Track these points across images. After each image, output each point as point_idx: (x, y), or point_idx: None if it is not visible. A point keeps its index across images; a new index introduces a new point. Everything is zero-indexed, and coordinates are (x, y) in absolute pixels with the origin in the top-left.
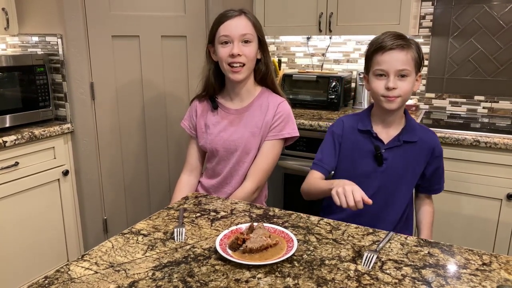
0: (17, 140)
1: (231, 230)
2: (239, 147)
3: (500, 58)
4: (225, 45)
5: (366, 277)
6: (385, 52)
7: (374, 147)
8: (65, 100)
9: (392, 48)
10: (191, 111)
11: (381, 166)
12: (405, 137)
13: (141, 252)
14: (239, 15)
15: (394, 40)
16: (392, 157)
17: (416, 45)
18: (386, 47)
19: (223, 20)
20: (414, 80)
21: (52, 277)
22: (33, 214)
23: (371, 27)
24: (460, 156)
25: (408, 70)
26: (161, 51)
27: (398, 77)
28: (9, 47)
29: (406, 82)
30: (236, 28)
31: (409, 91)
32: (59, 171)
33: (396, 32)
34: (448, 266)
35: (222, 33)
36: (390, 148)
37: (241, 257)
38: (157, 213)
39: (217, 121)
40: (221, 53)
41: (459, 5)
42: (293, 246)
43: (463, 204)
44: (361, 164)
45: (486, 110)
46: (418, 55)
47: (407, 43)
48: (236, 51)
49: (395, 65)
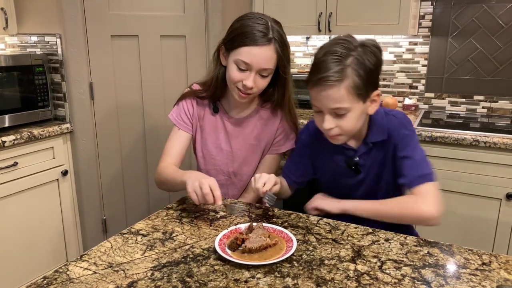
0: (16, 140)
1: (230, 230)
2: (237, 159)
3: (499, 57)
4: (241, 71)
5: (366, 277)
6: (313, 88)
7: (345, 161)
8: (64, 100)
9: (317, 84)
10: (186, 106)
11: (359, 174)
12: (372, 138)
13: (140, 252)
14: (267, 43)
15: (319, 73)
16: (367, 161)
17: (356, 63)
18: (310, 81)
19: (249, 43)
20: (363, 107)
21: (50, 277)
22: (32, 214)
23: (371, 27)
24: (460, 156)
25: (345, 108)
26: (161, 51)
27: (333, 115)
28: (8, 47)
29: (347, 118)
30: (259, 60)
31: (354, 124)
32: (58, 171)
33: (331, 51)
34: (448, 266)
35: (243, 58)
36: (362, 154)
37: (241, 257)
38: (156, 213)
39: (215, 126)
40: (233, 76)
41: (459, 5)
42: (292, 246)
43: (462, 204)
44: (340, 177)
45: (486, 110)
46: (360, 78)
47: (339, 72)
48: (250, 85)
49: (327, 104)
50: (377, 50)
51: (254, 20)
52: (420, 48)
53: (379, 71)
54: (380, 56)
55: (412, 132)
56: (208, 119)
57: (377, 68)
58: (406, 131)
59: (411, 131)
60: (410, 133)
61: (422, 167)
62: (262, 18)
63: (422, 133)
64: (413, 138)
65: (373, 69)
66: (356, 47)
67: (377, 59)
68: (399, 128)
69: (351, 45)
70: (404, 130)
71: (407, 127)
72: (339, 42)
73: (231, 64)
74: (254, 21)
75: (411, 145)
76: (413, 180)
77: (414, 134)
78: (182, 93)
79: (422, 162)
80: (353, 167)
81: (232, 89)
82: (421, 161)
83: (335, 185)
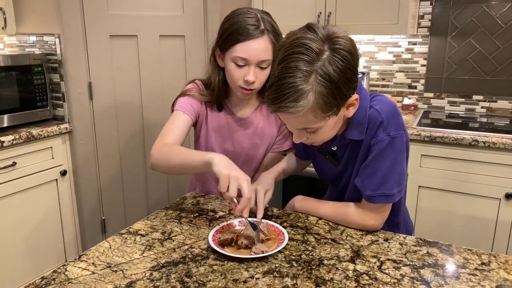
0: (15, 140)
1: (222, 226)
2: (240, 157)
3: (498, 57)
4: (240, 67)
5: (365, 277)
6: (280, 115)
7: (318, 149)
8: (63, 100)
9: (277, 110)
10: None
11: (337, 165)
12: (349, 135)
13: (138, 252)
14: (261, 35)
15: (277, 99)
16: (345, 154)
17: (322, 82)
18: (268, 101)
19: (242, 39)
20: (337, 118)
21: (49, 278)
22: (31, 214)
23: (370, 26)
24: (459, 155)
25: (314, 127)
26: (160, 50)
27: (302, 131)
28: (6, 47)
29: (318, 134)
30: (256, 53)
31: (328, 135)
32: (57, 171)
33: (291, 69)
34: (447, 266)
35: (240, 54)
36: (340, 145)
37: (236, 253)
38: (155, 213)
39: (218, 124)
40: (234, 75)
41: (458, 5)
42: (284, 237)
43: (461, 204)
44: (321, 165)
45: (485, 109)
46: (329, 95)
47: (301, 101)
48: (252, 79)
49: (293, 125)
50: (349, 45)
51: (243, 16)
52: (419, 48)
53: (354, 73)
54: (355, 51)
55: (391, 137)
56: (213, 117)
57: (350, 73)
58: (384, 135)
59: (390, 136)
60: (387, 139)
61: (382, 183)
62: (250, 11)
63: (421, 133)
64: (389, 145)
65: (345, 78)
66: (322, 52)
67: (348, 60)
68: (377, 129)
69: (318, 49)
70: (382, 133)
71: (387, 129)
72: (302, 51)
73: (229, 63)
74: (243, 16)
75: (383, 155)
76: (365, 192)
77: (395, 139)
78: (188, 88)
79: (385, 178)
80: (326, 156)
81: (235, 89)
82: (385, 175)
83: (324, 175)
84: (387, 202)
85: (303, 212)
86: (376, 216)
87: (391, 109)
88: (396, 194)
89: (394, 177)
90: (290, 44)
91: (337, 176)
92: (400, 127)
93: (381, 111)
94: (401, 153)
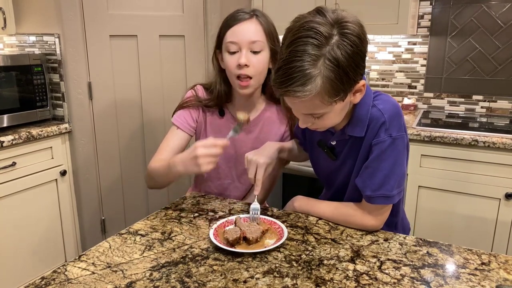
0: (15, 140)
1: (219, 224)
2: (241, 163)
3: (498, 57)
4: (233, 54)
5: (365, 277)
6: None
7: (317, 142)
8: (62, 100)
9: (284, 94)
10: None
11: (335, 160)
12: (350, 131)
13: (138, 252)
14: (249, 18)
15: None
16: (344, 149)
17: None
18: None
19: (231, 24)
20: (344, 103)
21: (49, 278)
22: (31, 214)
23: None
24: (459, 155)
25: (321, 113)
26: (159, 50)
27: (308, 116)
28: (6, 47)
29: (324, 118)
30: (245, 33)
31: (334, 120)
32: (56, 171)
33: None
34: (447, 266)
35: (230, 39)
36: (339, 140)
37: (249, 249)
38: (154, 213)
39: (220, 130)
40: (228, 63)
41: (457, 5)
42: (282, 229)
43: (461, 204)
44: (321, 161)
45: (485, 109)
46: (337, 80)
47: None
48: (243, 61)
49: (299, 110)
50: (358, 30)
51: (237, 11)
52: (419, 48)
53: (363, 58)
54: (364, 37)
55: (393, 138)
56: (214, 123)
57: (359, 58)
58: (385, 135)
59: (392, 137)
60: (388, 140)
61: (382, 184)
62: (244, 9)
63: (421, 133)
64: (390, 146)
65: (353, 63)
66: (331, 36)
67: (357, 45)
68: (379, 129)
69: (326, 33)
70: (384, 134)
71: (389, 130)
72: (310, 35)
73: (224, 55)
74: (236, 11)
75: (384, 156)
76: (365, 193)
77: (396, 140)
78: (186, 97)
79: (386, 179)
80: (325, 150)
81: (233, 83)
82: (386, 176)
83: (319, 170)
84: (387, 203)
85: (303, 212)
86: (376, 217)
87: (394, 110)
88: (396, 195)
89: (395, 178)
90: (299, 27)
91: (334, 172)
92: (402, 129)
93: (384, 111)
94: (402, 154)
